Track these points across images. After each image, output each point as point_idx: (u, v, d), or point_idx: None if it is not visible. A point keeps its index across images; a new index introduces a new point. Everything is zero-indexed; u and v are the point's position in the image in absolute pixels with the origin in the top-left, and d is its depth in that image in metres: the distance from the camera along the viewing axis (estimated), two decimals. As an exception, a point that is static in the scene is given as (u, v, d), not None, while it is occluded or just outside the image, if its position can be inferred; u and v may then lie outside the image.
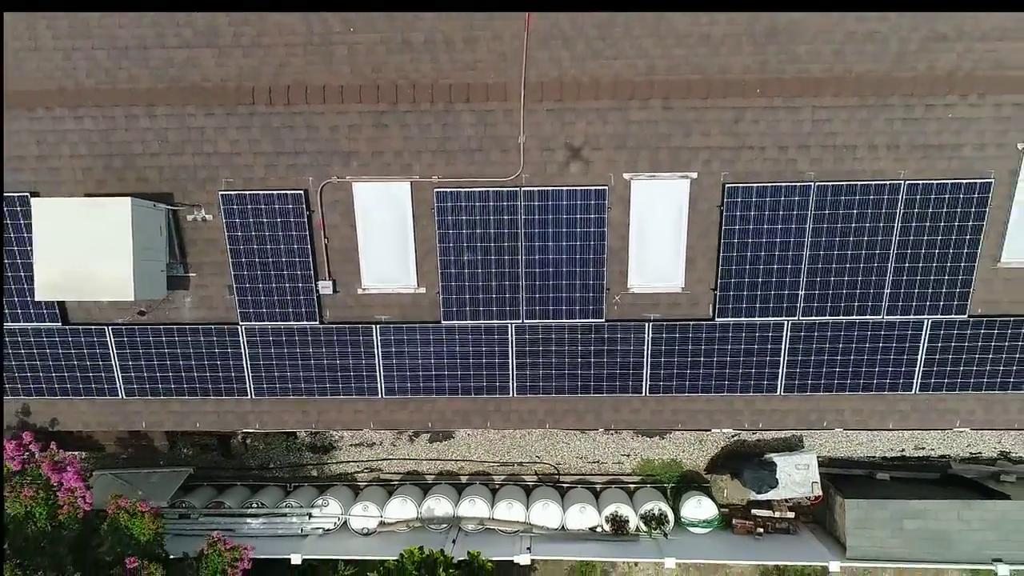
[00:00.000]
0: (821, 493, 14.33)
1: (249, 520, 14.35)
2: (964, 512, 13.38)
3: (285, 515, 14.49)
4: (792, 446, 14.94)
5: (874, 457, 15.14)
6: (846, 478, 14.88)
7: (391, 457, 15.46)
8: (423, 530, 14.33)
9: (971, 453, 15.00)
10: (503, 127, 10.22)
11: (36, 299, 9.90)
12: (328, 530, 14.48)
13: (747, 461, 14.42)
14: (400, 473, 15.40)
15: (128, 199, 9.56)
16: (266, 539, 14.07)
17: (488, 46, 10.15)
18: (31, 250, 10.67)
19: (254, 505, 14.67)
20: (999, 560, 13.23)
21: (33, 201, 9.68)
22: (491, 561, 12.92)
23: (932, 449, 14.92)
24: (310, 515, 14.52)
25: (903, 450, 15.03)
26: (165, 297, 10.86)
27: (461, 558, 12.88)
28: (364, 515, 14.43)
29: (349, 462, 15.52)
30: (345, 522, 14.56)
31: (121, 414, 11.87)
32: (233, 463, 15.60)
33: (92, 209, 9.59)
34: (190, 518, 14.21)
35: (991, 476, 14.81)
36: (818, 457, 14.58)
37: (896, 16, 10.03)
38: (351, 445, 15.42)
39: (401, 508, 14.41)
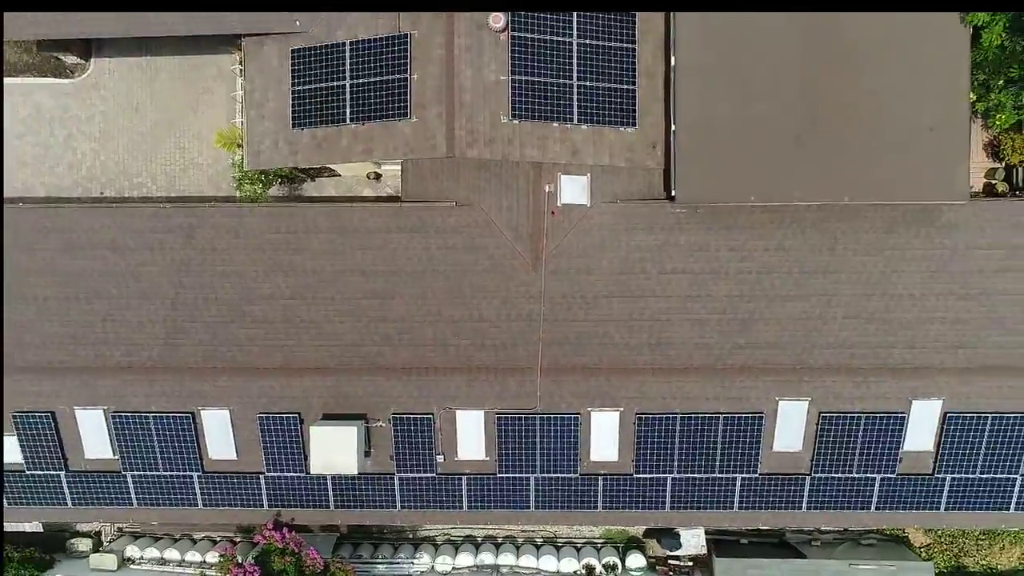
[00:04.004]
0: (706, 552, 26.32)
1: (378, 565, 26.30)
2: (781, 565, 25.30)
3: (399, 563, 26.46)
4: (692, 523, 26.85)
5: (741, 529, 27.04)
6: (722, 542, 26.83)
7: (455, 525, 27.41)
8: (478, 572, 26.29)
9: (799, 527, 26.89)
10: (530, 387, 22.28)
11: (311, 472, 21.99)
12: (423, 572, 26.42)
13: (663, 531, 26.42)
14: (461, 536, 27.35)
15: (354, 428, 21.61)
16: (388, 577, 26.03)
17: (524, 349, 22.19)
18: (295, 439, 22.67)
19: (379, 556, 26.64)
20: (797, 594, 25.24)
21: (312, 428, 21.70)
22: (518, 591, 24.96)
23: (775, 525, 26.77)
24: (412, 563, 26.47)
25: (762, 526, 26.88)
26: (360, 463, 22.90)
27: (501, 590, 24.89)
28: (443, 564, 26.37)
29: (431, 528, 27.48)
30: (432, 567, 26.49)
31: (328, 516, 23.97)
32: (360, 528, 27.54)
33: (339, 429, 21.63)
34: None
35: (807, 541, 26.76)
36: (705, 530, 26.46)
37: (719, 335, 22.01)
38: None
39: (465, 558, 26.35)
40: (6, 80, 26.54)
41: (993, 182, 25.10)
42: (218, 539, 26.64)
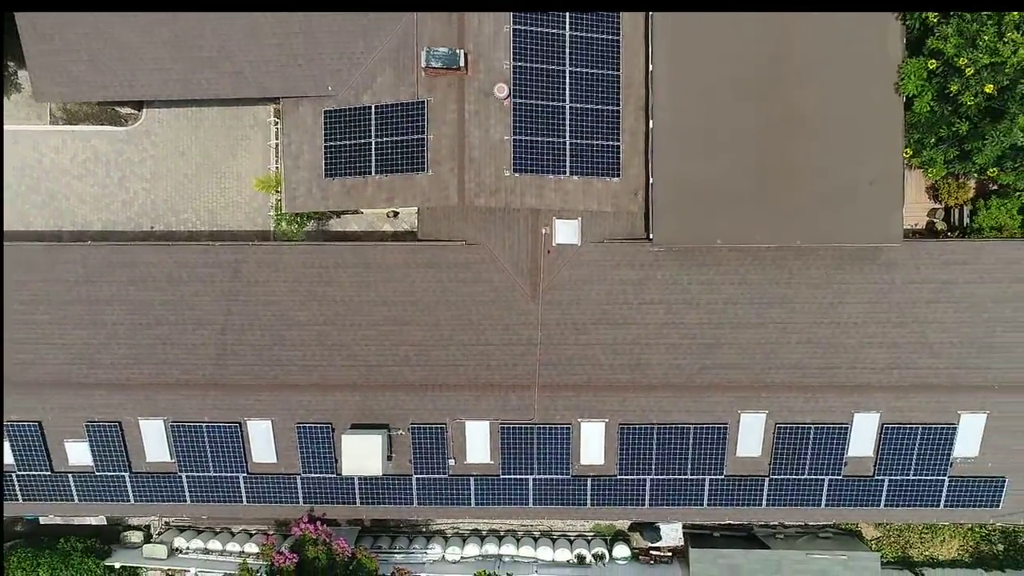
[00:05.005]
0: (683, 543, 30.35)
1: (396, 554, 30.32)
2: (747, 555, 29.31)
3: (414, 552, 30.48)
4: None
5: (714, 523, 31.06)
6: (698, 535, 30.85)
7: (464, 520, 31.43)
8: (484, 561, 30.30)
9: (764, 523, 30.92)
10: (528, 401, 26.27)
11: (342, 474, 26.03)
12: (435, 561, 30.44)
13: (646, 525, 30.45)
14: (469, 530, 31.38)
15: (379, 436, 25.62)
16: (405, 566, 30.01)
17: (523, 369, 26.18)
18: (328, 445, 26.69)
19: (397, 547, 30.68)
20: (763, 580, 29.29)
21: (344, 437, 25.70)
22: (518, 577, 29.04)
23: (739, 520, 30.77)
24: (426, 552, 30.48)
25: (729, 521, 30.91)
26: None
27: (503, 576, 28.98)
28: (452, 554, 30.41)
29: (443, 522, 31.48)
30: (443, 556, 30.51)
31: (354, 511, 27.99)
32: (379, 522, 31.58)
33: (366, 438, 25.62)
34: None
35: (772, 535, 30.80)
36: (683, 525, 30.46)
37: (690, 357, 25.99)
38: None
39: (472, 549, 30.38)
40: (68, 127, 30.62)
41: (934, 221, 29.12)
42: (254, 532, 30.71)
